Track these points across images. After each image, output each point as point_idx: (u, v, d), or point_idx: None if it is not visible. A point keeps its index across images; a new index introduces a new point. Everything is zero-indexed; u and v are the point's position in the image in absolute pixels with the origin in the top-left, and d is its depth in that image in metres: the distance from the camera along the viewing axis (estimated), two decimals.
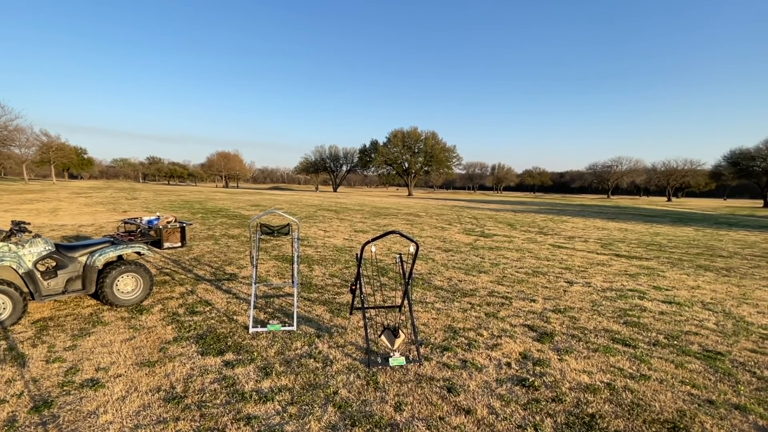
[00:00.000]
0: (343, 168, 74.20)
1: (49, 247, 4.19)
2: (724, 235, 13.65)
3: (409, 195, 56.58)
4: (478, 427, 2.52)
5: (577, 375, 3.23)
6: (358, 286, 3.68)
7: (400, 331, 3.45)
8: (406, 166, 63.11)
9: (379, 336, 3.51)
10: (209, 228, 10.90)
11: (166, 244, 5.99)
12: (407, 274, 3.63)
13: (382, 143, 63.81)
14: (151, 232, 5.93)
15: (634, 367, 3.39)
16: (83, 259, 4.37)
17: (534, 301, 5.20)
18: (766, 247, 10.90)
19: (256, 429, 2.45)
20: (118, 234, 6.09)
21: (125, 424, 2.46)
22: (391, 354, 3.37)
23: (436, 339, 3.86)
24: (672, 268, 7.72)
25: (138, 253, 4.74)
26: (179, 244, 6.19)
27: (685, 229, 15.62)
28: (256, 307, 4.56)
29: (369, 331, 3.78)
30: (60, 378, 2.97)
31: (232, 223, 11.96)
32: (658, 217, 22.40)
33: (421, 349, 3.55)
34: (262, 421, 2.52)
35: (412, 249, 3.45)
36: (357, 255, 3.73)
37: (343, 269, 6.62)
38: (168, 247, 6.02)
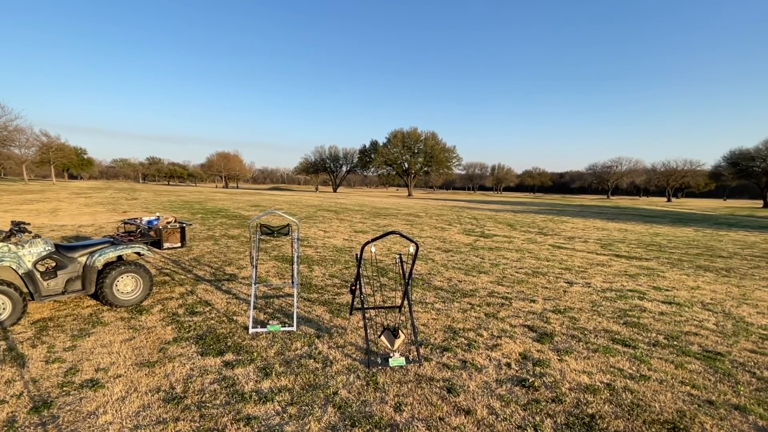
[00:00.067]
0: (343, 168, 74.22)
1: (49, 248, 4.19)
2: (723, 236, 13.66)
3: (408, 195, 56.59)
4: (478, 428, 2.52)
5: (577, 375, 3.23)
6: (358, 286, 3.68)
7: (399, 331, 3.45)
8: (406, 166, 63.12)
9: (379, 336, 3.50)
10: (209, 228, 10.90)
11: (166, 245, 5.98)
12: (407, 275, 3.63)
13: (381, 143, 63.84)
14: (151, 233, 5.92)
15: (634, 368, 3.39)
16: (83, 259, 4.37)
17: (534, 301, 5.20)
18: (765, 248, 10.91)
19: (256, 429, 2.45)
20: (117, 234, 6.09)
21: (125, 424, 2.46)
22: (391, 354, 3.37)
23: (435, 339, 3.86)
24: (672, 268, 7.72)
25: (138, 253, 4.73)
26: (179, 245, 6.18)
27: (685, 229, 15.62)
28: (255, 307, 4.56)
29: (369, 331, 3.78)
30: (59, 378, 2.97)
31: (231, 224, 11.96)
32: (658, 217, 22.41)
33: (421, 350, 3.55)
34: (261, 422, 2.52)
35: (412, 249, 3.45)
36: (357, 255, 3.73)
37: (342, 270, 6.62)
38: (168, 248, 6.01)
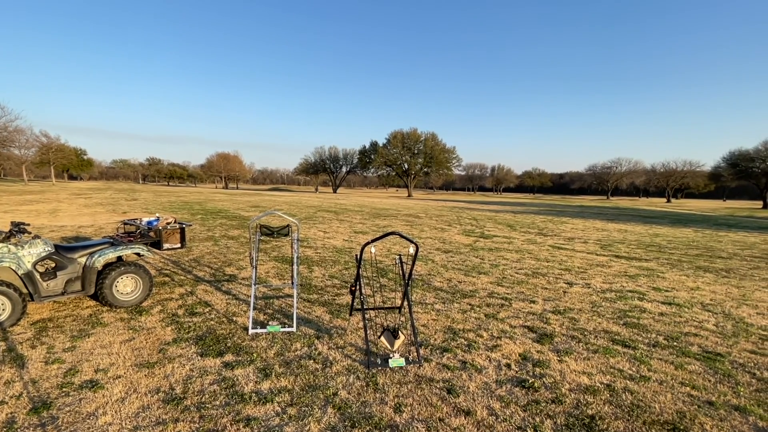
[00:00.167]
0: (343, 169, 74.23)
1: (49, 248, 4.18)
2: (723, 237, 13.66)
3: (408, 196, 56.60)
4: (478, 429, 2.52)
5: (577, 376, 3.23)
6: (358, 287, 3.68)
7: (399, 332, 3.45)
8: (406, 167, 63.11)
9: (379, 337, 3.50)
10: (209, 229, 10.90)
11: (166, 245, 5.98)
12: (407, 275, 3.63)
13: (381, 144, 63.84)
14: (151, 233, 5.92)
15: (634, 369, 3.39)
16: (83, 260, 4.37)
17: (534, 302, 5.20)
18: (765, 248, 10.92)
19: (256, 430, 2.45)
20: (117, 235, 6.08)
21: (124, 425, 2.46)
22: (391, 355, 3.37)
23: (435, 340, 3.86)
24: (671, 269, 7.72)
25: (137, 254, 4.73)
26: (179, 245, 6.18)
27: (685, 230, 15.63)
28: (255, 308, 4.55)
29: (369, 332, 3.78)
30: (59, 379, 2.97)
31: (231, 224, 11.96)
32: (658, 218, 22.42)
33: (421, 351, 3.55)
34: (261, 423, 2.52)
35: (412, 250, 3.45)
36: (357, 256, 3.73)
37: (342, 270, 6.61)
38: (167, 248, 6.01)
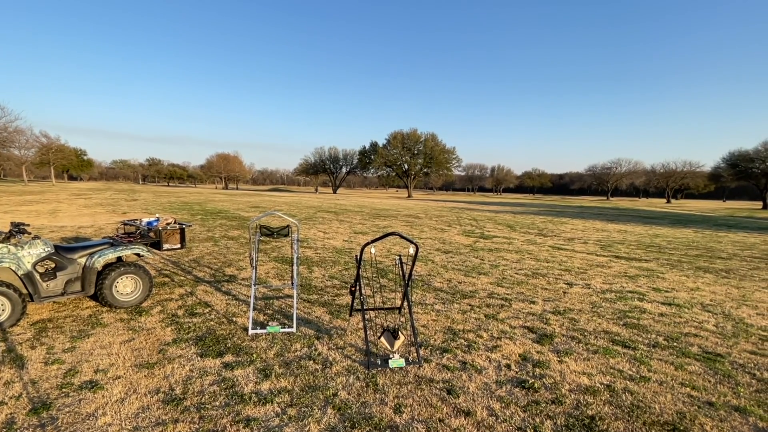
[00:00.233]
0: (343, 169, 74.24)
1: (49, 249, 4.18)
2: (723, 237, 13.67)
3: (408, 197, 56.59)
4: (478, 429, 2.52)
5: (577, 377, 3.23)
6: (358, 287, 3.68)
7: (399, 332, 3.45)
8: (406, 167, 63.13)
9: (379, 338, 3.50)
10: (209, 229, 10.90)
11: (166, 246, 5.98)
12: (407, 276, 3.63)
13: (381, 145, 63.87)
14: (151, 234, 5.92)
15: (634, 369, 3.39)
16: (82, 260, 4.37)
17: (533, 302, 5.20)
18: (765, 249, 10.92)
19: (256, 431, 2.45)
20: (117, 235, 6.09)
21: (124, 426, 2.46)
22: (391, 356, 3.36)
23: (435, 341, 3.86)
24: (671, 269, 7.72)
25: (137, 254, 4.73)
26: (179, 246, 6.19)
27: (685, 230, 15.63)
28: (255, 308, 4.55)
29: (368, 332, 3.78)
30: (59, 380, 2.97)
31: (231, 225, 11.96)
32: (658, 218, 22.42)
33: (421, 351, 3.55)
34: (261, 423, 2.51)
35: (412, 251, 3.45)
36: (356, 256, 3.73)
37: (342, 271, 6.61)
38: (167, 249, 6.02)
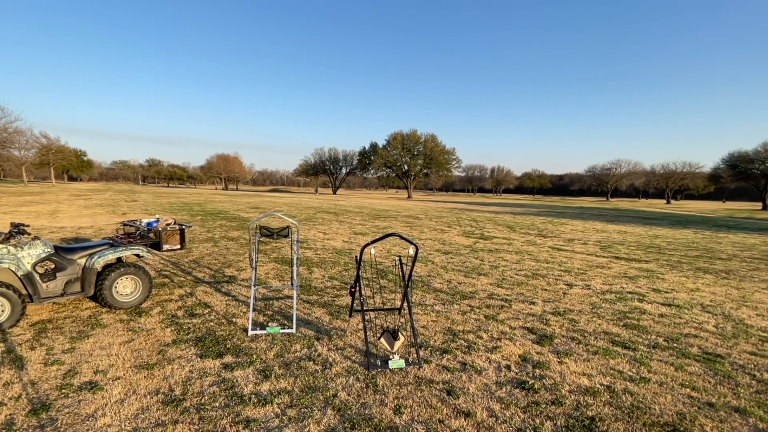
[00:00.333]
0: (343, 170, 74.30)
1: (48, 249, 4.18)
2: (723, 238, 13.67)
3: (408, 197, 56.60)
4: (478, 430, 2.52)
5: (577, 378, 3.23)
6: (358, 288, 3.68)
7: (399, 333, 3.45)
8: (406, 168, 63.14)
9: (379, 338, 3.50)
10: (208, 230, 10.89)
11: (166, 247, 5.97)
12: (407, 277, 3.63)
13: (381, 146, 63.91)
14: (151, 235, 5.91)
15: (634, 370, 3.39)
16: (82, 261, 4.36)
17: (533, 303, 5.20)
18: (765, 250, 10.92)
19: None
20: (117, 236, 6.08)
21: (124, 427, 2.45)
22: (391, 356, 3.36)
23: (435, 341, 3.86)
24: (671, 270, 7.72)
25: (137, 255, 4.73)
26: (178, 247, 6.18)
27: (684, 231, 15.64)
28: (255, 309, 4.55)
29: (368, 333, 3.78)
30: (58, 381, 2.96)
31: (231, 226, 11.96)
32: (657, 219, 22.43)
33: (421, 352, 3.55)
34: (261, 424, 2.51)
35: (412, 251, 3.45)
36: (356, 257, 3.73)
37: (342, 271, 6.61)
38: (167, 250, 6.01)
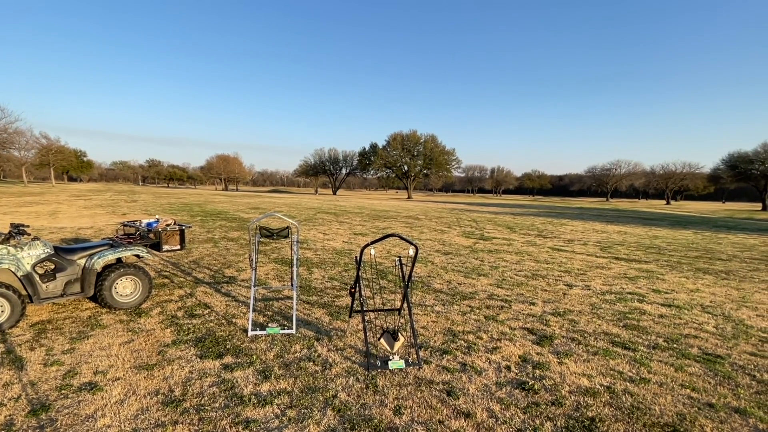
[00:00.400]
0: (343, 171, 74.37)
1: (48, 250, 4.18)
2: (723, 238, 13.67)
3: (408, 198, 56.59)
4: (478, 431, 2.52)
5: (577, 378, 3.23)
6: (358, 288, 3.68)
7: (399, 334, 3.44)
8: (406, 169, 63.18)
9: (379, 339, 3.50)
10: (208, 231, 10.89)
11: (165, 247, 5.98)
12: (407, 277, 3.63)
13: (381, 146, 63.97)
14: (150, 235, 5.92)
15: (634, 371, 3.39)
16: (82, 261, 4.36)
17: (533, 304, 5.20)
18: (764, 251, 10.92)
19: None
20: (117, 237, 6.08)
21: (123, 427, 2.45)
22: (391, 357, 3.36)
23: (435, 342, 3.86)
24: (671, 271, 7.72)
25: (137, 255, 4.73)
26: (178, 247, 6.18)
27: (684, 232, 15.64)
28: (255, 310, 4.55)
29: (368, 334, 3.78)
30: (58, 381, 2.96)
31: (231, 226, 11.96)
32: (657, 220, 22.43)
33: (421, 352, 3.55)
34: (260, 425, 2.51)
35: (412, 252, 3.45)
36: (356, 258, 3.73)
37: (342, 272, 6.61)
38: (167, 250, 6.01)
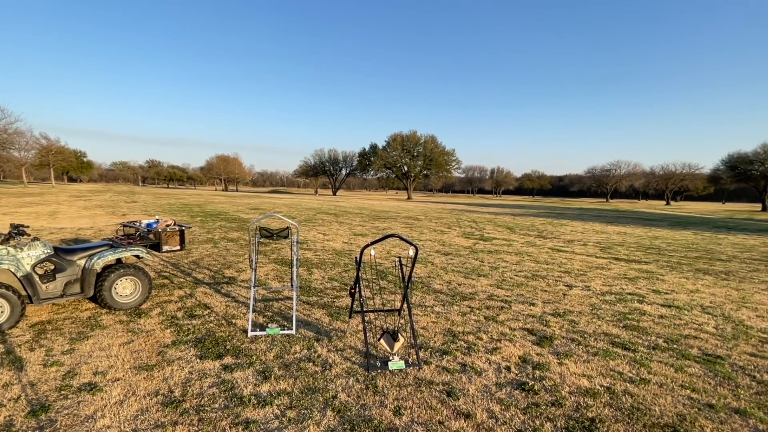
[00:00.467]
0: (343, 171, 74.42)
1: (48, 251, 4.18)
2: (722, 239, 13.67)
3: (408, 198, 56.60)
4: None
5: (577, 379, 3.23)
6: (358, 289, 3.68)
7: (399, 334, 3.44)
8: (406, 169, 63.19)
9: (379, 339, 3.50)
10: (208, 231, 10.89)
11: (165, 248, 5.97)
12: (407, 278, 3.63)
13: (381, 147, 64.00)
14: (150, 236, 5.91)
15: (634, 371, 3.39)
16: (82, 262, 4.36)
17: (533, 304, 5.20)
18: (764, 251, 10.92)
19: None
20: (117, 237, 6.08)
21: (123, 428, 2.45)
22: (391, 358, 3.36)
23: (435, 343, 3.85)
24: (671, 271, 7.72)
25: (137, 256, 4.73)
26: (178, 248, 6.18)
27: (684, 232, 15.64)
28: (255, 310, 4.54)
29: (368, 334, 3.78)
30: (57, 382, 2.96)
31: (231, 227, 11.96)
32: (657, 220, 22.43)
33: (421, 353, 3.55)
34: (260, 426, 2.51)
35: (412, 252, 3.45)
36: (356, 258, 3.73)
37: (342, 272, 6.61)
38: (167, 251, 6.01)
